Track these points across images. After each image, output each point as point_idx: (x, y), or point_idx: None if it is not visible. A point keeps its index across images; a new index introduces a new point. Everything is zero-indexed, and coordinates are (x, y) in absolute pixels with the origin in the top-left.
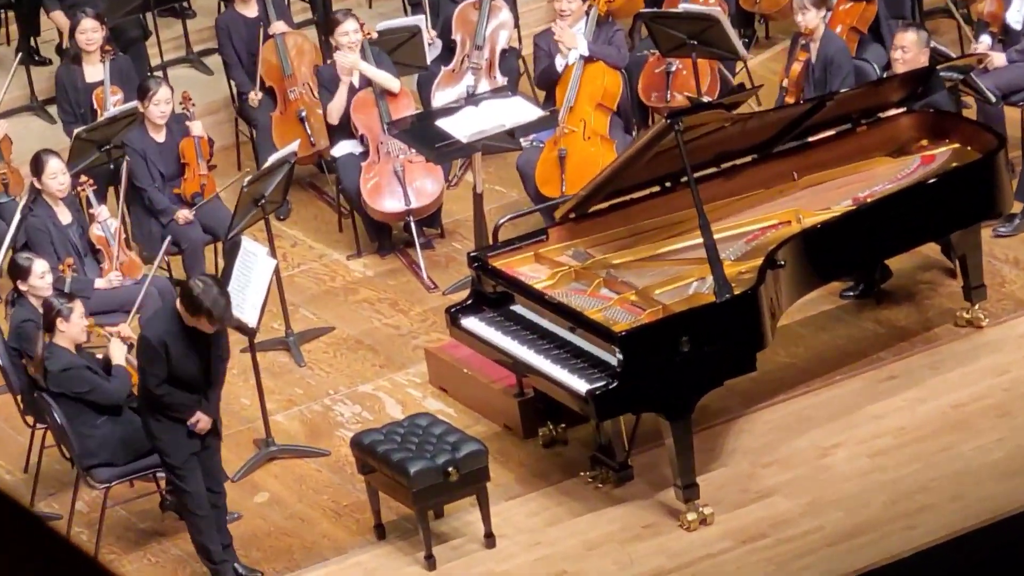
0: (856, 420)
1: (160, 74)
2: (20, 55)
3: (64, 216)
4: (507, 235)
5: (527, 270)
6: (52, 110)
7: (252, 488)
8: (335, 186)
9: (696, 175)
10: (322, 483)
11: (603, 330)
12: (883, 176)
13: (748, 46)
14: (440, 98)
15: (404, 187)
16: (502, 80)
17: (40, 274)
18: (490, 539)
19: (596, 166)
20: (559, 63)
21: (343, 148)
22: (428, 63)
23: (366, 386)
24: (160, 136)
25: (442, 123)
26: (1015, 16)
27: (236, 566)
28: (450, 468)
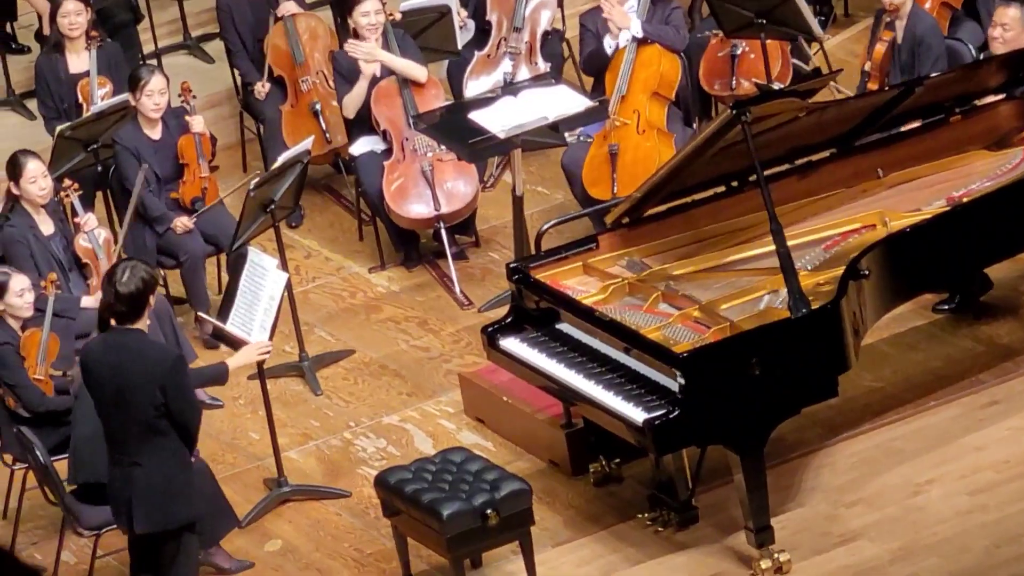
0: (953, 452)
1: (154, 62)
2: None
3: (46, 226)
4: (551, 243)
5: (575, 283)
6: (31, 105)
7: (263, 535)
8: (354, 189)
9: (767, 173)
10: (342, 529)
11: (662, 351)
12: (981, 173)
13: (825, 25)
14: (473, 88)
15: (433, 189)
16: (544, 66)
17: (18, 291)
18: None
19: (652, 164)
20: (609, 46)
21: (363, 145)
22: (459, 48)
23: (392, 417)
24: (155, 133)
25: (476, 116)
26: None
27: None
28: (489, 510)
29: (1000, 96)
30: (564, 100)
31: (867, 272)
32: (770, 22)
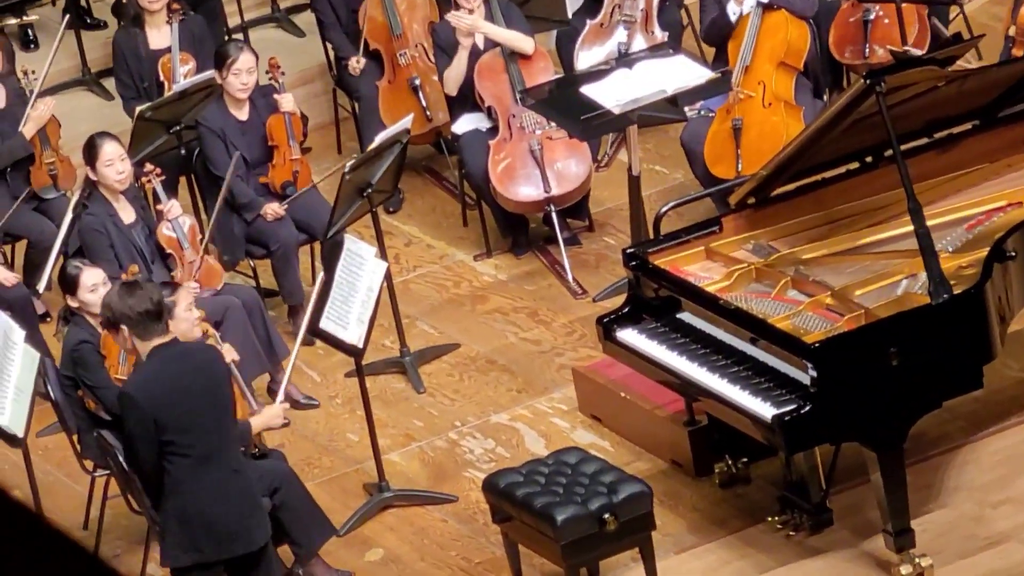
0: None
1: (241, 37)
2: (68, 17)
3: (126, 214)
4: (671, 226)
5: (697, 269)
6: (109, 84)
7: (363, 544)
8: (457, 170)
9: (904, 148)
10: (448, 536)
11: (793, 341)
12: None
13: None
14: (585, 59)
15: (542, 169)
16: (661, 35)
17: (91, 286)
18: None
19: (780, 139)
20: (732, 12)
21: (467, 123)
22: (569, 16)
23: (500, 416)
24: (242, 113)
25: (588, 90)
26: None
27: None
28: (606, 515)
29: None
30: (683, 72)
31: (1014, 254)
32: None
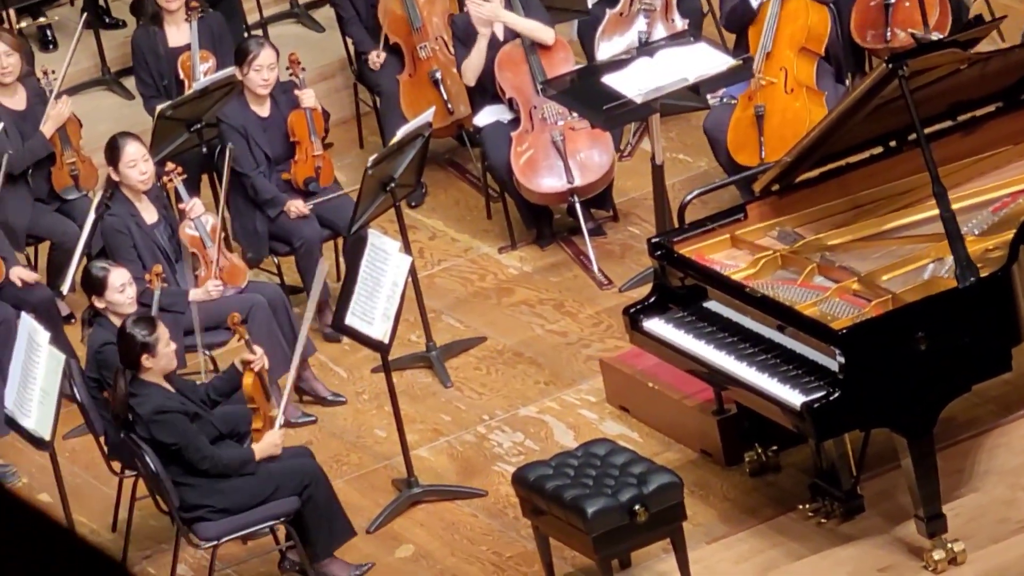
0: None
1: (260, 33)
2: (86, 17)
3: (148, 214)
4: (696, 215)
5: (722, 257)
6: (129, 83)
7: (393, 540)
8: (480, 163)
9: (927, 131)
10: (479, 531)
11: (820, 328)
12: None
13: None
14: (606, 49)
15: (565, 160)
16: (682, 23)
17: (119, 286)
18: None
19: (803, 125)
20: None
21: (488, 115)
22: (589, 6)
23: (528, 409)
24: (263, 110)
25: (610, 79)
26: None
27: None
28: (637, 506)
29: None
30: (705, 59)
31: None
32: None
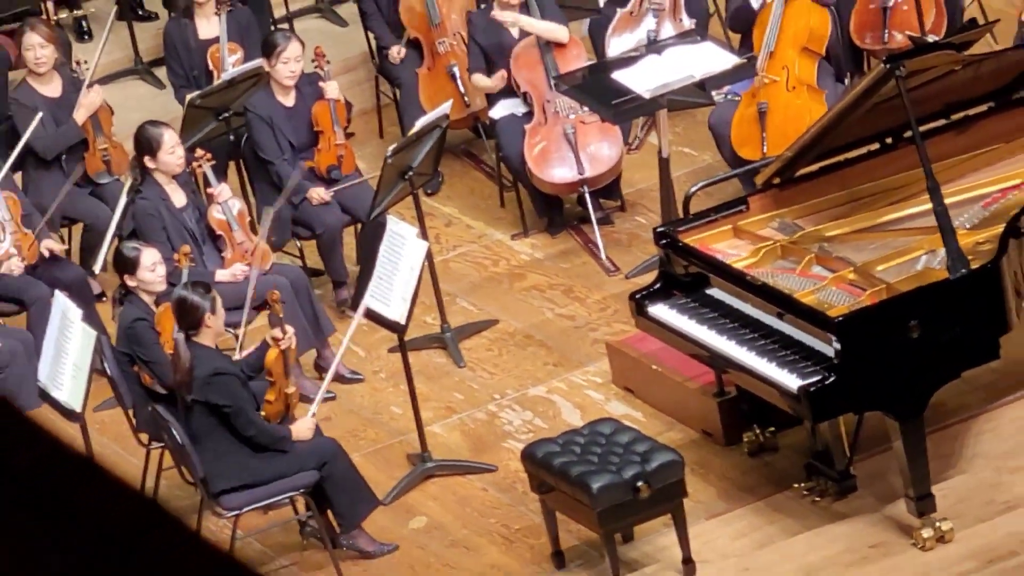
0: None
1: (287, 27)
2: (118, 8)
3: (177, 197)
4: (700, 206)
5: (725, 247)
6: (160, 73)
7: (407, 512)
8: (495, 154)
9: (922, 129)
10: (489, 504)
11: (817, 315)
12: None
13: None
14: (616, 46)
15: (576, 152)
16: (689, 23)
17: (150, 265)
18: (689, 565)
19: (803, 122)
20: (755, 0)
21: (503, 108)
22: (600, 5)
23: (538, 389)
24: (289, 100)
25: (619, 76)
26: None
27: None
28: (640, 483)
29: None
30: (710, 58)
31: None
32: None
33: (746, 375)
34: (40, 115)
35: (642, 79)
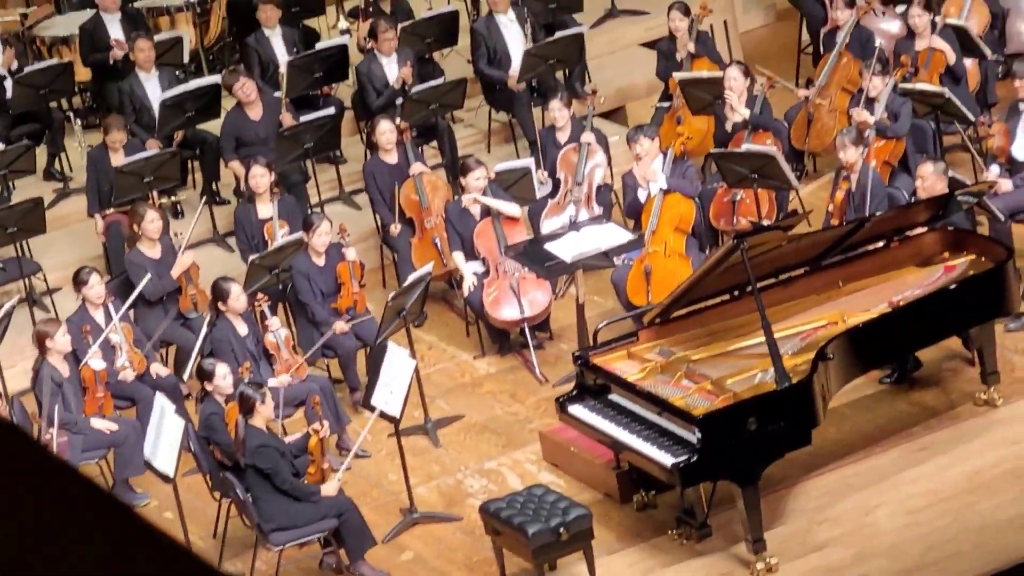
0: (894, 484)
1: (319, 210)
2: (205, 198)
3: (241, 328)
4: (605, 337)
5: (622, 366)
6: (231, 241)
7: (399, 548)
8: (463, 299)
9: (759, 285)
10: (456, 543)
11: (685, 414)
12: (912, 283)
13: (799, 178)
14: (548, 225)
15: (519, 299)
16: (598, 210)
17: (223, 376)
18: None
19: (676, 279)
20: (642, 195)
21: (469, 268)
22: (537, 196)
23: (491, 463)
24: (320, 261)
25: (550, 246)
26: (1019, 150)
27: None
28: (562, 529)
29: (926, 228)
30: (613, 235)
31: (832, 356)
32: (760, 176)
33: (635, 455)
34: (149, 275)
35: (566, 249)
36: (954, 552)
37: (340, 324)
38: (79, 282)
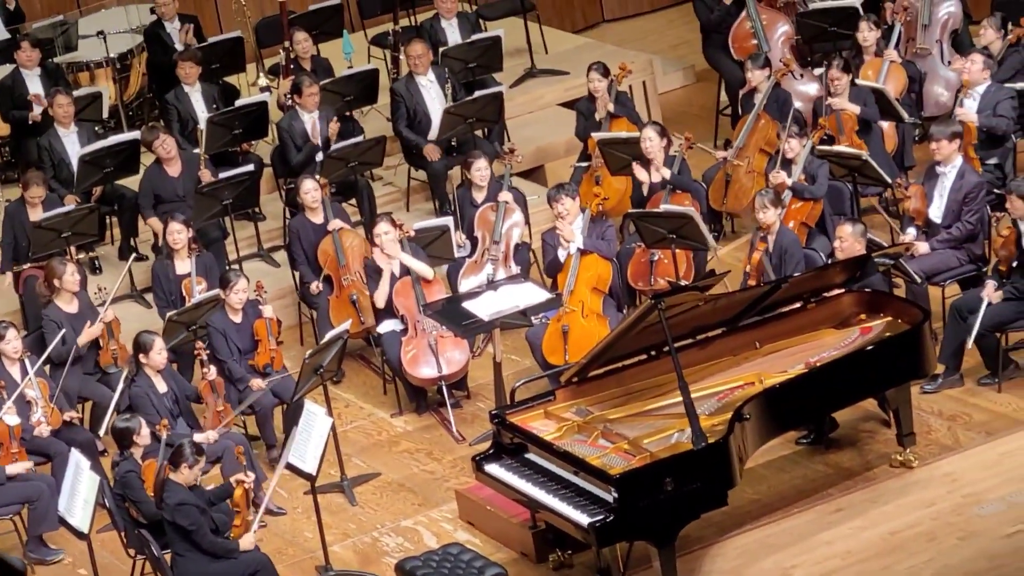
0: (810, 545)
1: (237, 267)
2: (135, 255)
3: (160, 386)
4: (522, 396)
5: (539, 424)
6: (149, 297)
7: None
8: (380, 357)
9: (676, 345)
10: None
11: (601, 473)
12: (829, 344)
13: (717, 238)
14: (465, 284)
15: (437, 357)
16: (516, 269)
17: (143, 434)
18: None
19: (593, 339)
20: (561, 255)
21: (387, 326)
22: (456, 255)
23: (407, 521)
24: (237, 317)
25: (468, 305)
26: (936, 212)
27: None
28: None
29: (843, 290)
30: (531, 294)
31: (748, 416)
32: (679, 237)
33: (552, 514)
34: (63, 331)
35: (483, 307)
36: None
37: (257, 381)
38: None
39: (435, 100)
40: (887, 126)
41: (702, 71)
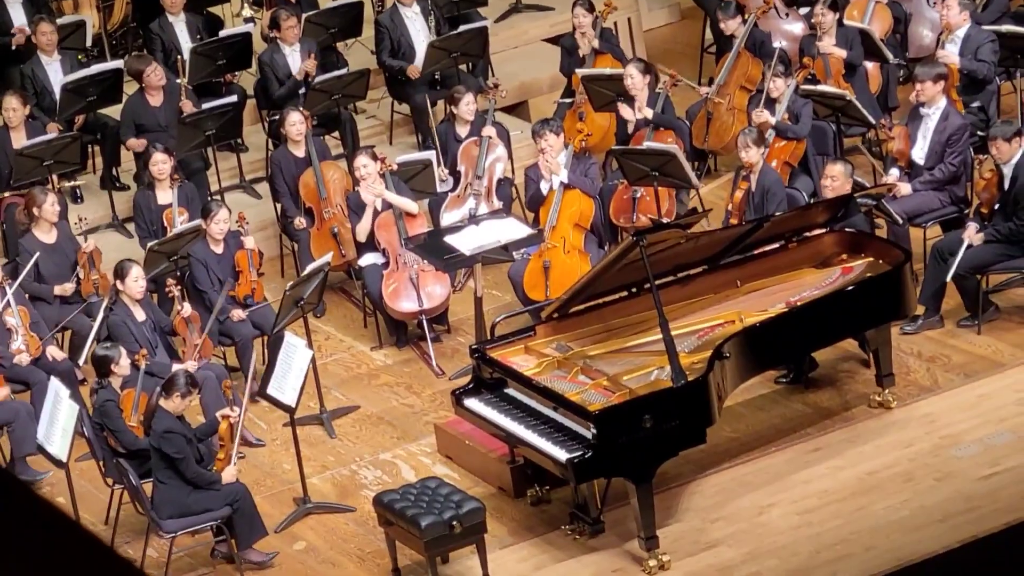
0: (787, 484)
1: (219, 198)
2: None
3: (139, 314)
4: (502, 331)
5: (519, 360)
6: (130, 227)
7: (292, 538)
8: (361, 290)
9: (657, 283)
10: (349, 534)
11: (580, 409)
12: (810, 284)
13: (700, 176)
14: (447, 218)
15: (418, 291)
16: (498, 204)
17: (120, 361)
18: None
19: (574, 275)
20: (544, 187)
21: (368, 259)
22: (438, 189)
23: (386, 454)
24: (219, 248)
25: (449, 239)
26: (918, 153)
27: None
28: (454, 522)
29: (824, 229)
30: (513, 229)
31: (728, 355)
32: (661, 174)
33: (530, 449)
34: (37, 255)
35: (465, 242)
36: (845, 553)
37: (237, 312)
38: None
39: (419, 32)
40: (871, 67)
41: (687, 8)
